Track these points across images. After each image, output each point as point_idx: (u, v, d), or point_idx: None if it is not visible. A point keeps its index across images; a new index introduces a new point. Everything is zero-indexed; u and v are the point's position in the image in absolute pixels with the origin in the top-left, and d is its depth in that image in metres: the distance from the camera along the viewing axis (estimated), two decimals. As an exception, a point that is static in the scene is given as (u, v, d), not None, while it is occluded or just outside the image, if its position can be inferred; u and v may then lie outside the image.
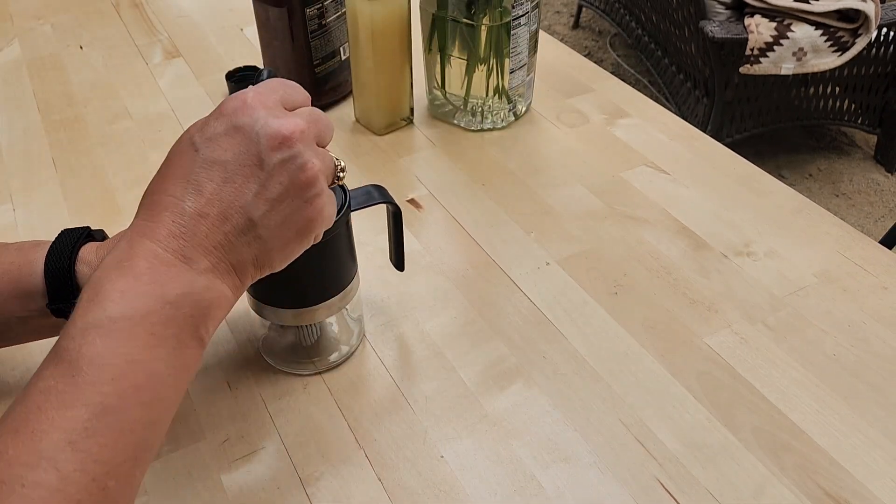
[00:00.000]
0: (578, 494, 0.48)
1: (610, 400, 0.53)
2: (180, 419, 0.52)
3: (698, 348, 0.57)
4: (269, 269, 0.41)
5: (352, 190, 0.50)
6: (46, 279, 0.45)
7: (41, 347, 0.46)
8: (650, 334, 0.58)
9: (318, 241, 0.43)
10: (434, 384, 0.55)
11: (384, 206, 0.53)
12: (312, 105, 0.43)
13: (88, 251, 0.46)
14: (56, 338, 0.36)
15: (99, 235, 0.50)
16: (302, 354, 0.56)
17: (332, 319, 0.57)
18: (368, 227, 0.67)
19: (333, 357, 0.56)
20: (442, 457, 0.50)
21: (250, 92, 0.40)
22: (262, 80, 0.44)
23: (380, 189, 0.52)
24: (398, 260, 0.58)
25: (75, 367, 0.33)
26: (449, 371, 0.56)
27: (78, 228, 0.48)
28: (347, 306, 0.54)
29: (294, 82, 0.43)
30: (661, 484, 0.48)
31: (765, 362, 0.56)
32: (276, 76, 0.44)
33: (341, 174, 0.44)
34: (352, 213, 0.50)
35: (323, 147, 0.42)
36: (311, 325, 0.56)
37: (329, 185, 0.43)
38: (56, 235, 0.48)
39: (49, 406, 0.32)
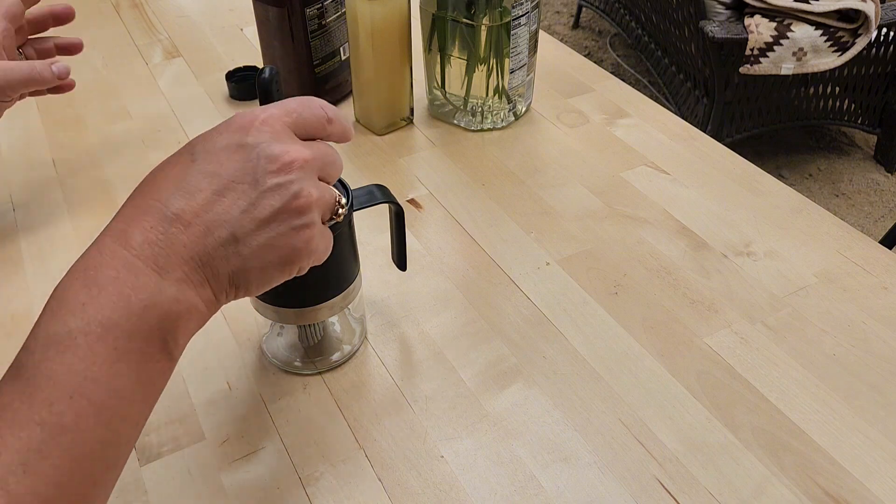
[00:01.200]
0: (578, 494, 0.48)
1: (610, 400, 0.53)
2: (180, 419, 0.52)
3: (698, 348, 0.57)
4: (245, 292, 0.39)
5: (354, 189, 0.50)
6: None
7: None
8: (650, 334, 0.58)
9: (301, 274, 0.41)
10: (434, 384, 0.55)
11: (385, 205, 0.53)
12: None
13: None
14: None
15: None
16: (304, 354, 0.56)
17: (334, 319, 0.57)
18: (369, 227, 0.67)
19: (335, 357, 0.56)
20: (442, 457, 0.50)
21: (263, 111, 0.39)
22: (264, 78, 0.44)
23: (382, 189, 0.52)
24: (400, 260, 0.58)
25: (32, 384, 0.32)
26: (449, 371, 0.56)
27: None
28: (350, 306, 0.54)
29: (316, 101, 0.42)
30: (661, 484, 0.48)
31: (765, 362, 0.56)
32: (277, 75, 0.44)
33: (340, 210, 0.43)
34: (354, 213, 0.50)
35: (327, 183, 0.41)
36: (313, 325, 0.56)
37: (325, 221, 0.42)
38: None
39: (3, 424, 0.31)
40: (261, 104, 0.45)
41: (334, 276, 0.51)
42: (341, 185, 0.48)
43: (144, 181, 0.38)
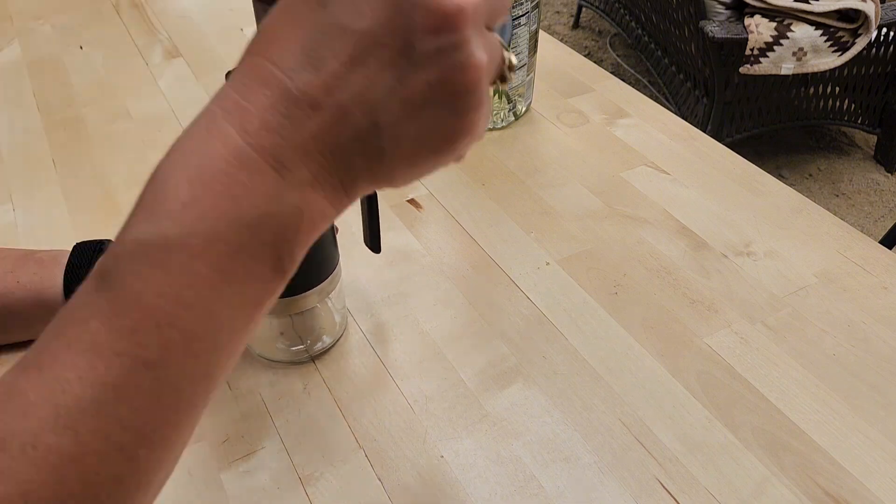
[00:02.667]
0: (578, 494, 0.48)
1: (610, 400, 0.53)
2: (180, 419, 0.52)
3: (698, 348, 0.57)
4: (388, 186, 0.30)
5: None
6: (67, 296, 0.44)
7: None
8: (650, 334, 0.58)
9: (461, 160, 0.32)
10: (434, 384, 0.55)
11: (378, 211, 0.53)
12: None
13: None
14: None
15: None
16: (287, 344, 0.56)
17: (318, 309, 0.58)
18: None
19: (318, 347, 0.57)
20: (442, 457, 0.50)
21: None
22: None
23: None
24: (373, 242, 0.58)
25: (115, 304, 0.26)
26: (449, 371, 0.56)
27: (92, 242, 0.47)
28: (332, 295, 0.55)
29: None
30: (661, 484, 0.48)
31: (765, 362, 0.56)
32: None
33: (510, 74, 0.32)
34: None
35: (494, 28, 0.30)
36: (296, 315, 0.56)
37: (492, 84, 0.31)
38: (71, 249, 0.47)
39: (78, 347, 0.25)
40: None
41: (317, 263, 0.52)
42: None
43: (263, 29, 0.29)
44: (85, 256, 0.46)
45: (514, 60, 0.31)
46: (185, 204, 0.26)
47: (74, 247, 0.48)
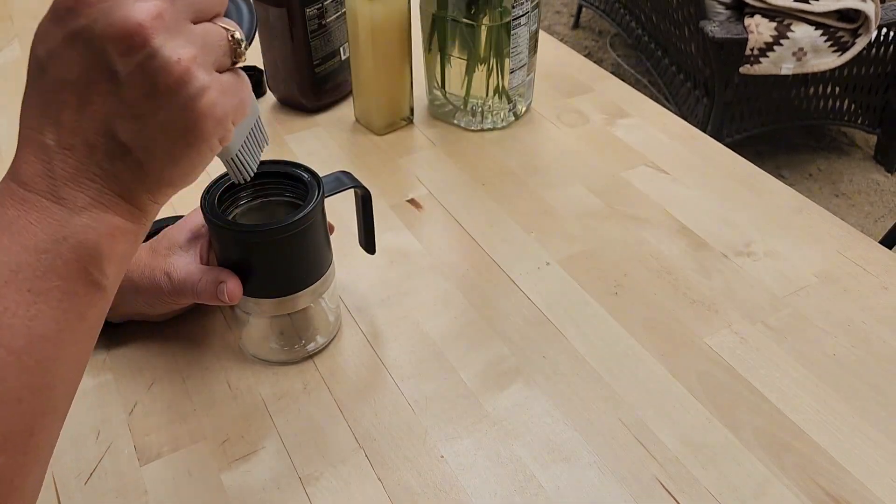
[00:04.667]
0: (578, 494, 0.48)
1: (610, 400, 0.53)
2: (180, 419, 0.52)
3: (699, 348, 0.57)
4: (171, 188, 0.35)
5: (322, 177, 0.51)
6: None
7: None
8: (650, 334, 0.58)
9: (227, 142, 0.35)
10: (434, 384, 0.55)
11: (376, 213, 0.54)
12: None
13: None
14: None
15: None
16: (281, 344, 0.56)
17: (311, 310, 0.57)
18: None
19: (311, 347, 0.56)
20: (442, 457, 0.50)
21: None
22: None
23: (348, 175, 0.53)
24: (368, 243, 0.58)
25: None
26: (449, 371, 0.56)
27: None
28: (325, 295, 0.55)
29: None
30: (661, 484, 0.48)
31: (765, 362, 0.56)
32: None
33: (239, 49, 0.35)
34: (324, 203, 0.51)
35: (207, 20, 0.34)
36: (290, 315, 0.56)
37: (229, 67, 0.35)
38: None
39: None
40: None
41: (311, 263, 0.52)
42: (241, 8, 0.39)
43: (22, 105, 0.34)
44: None
45: (239, 35, 0.34)
46: None
47: None
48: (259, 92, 0.88)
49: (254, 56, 0.94)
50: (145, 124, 0.32)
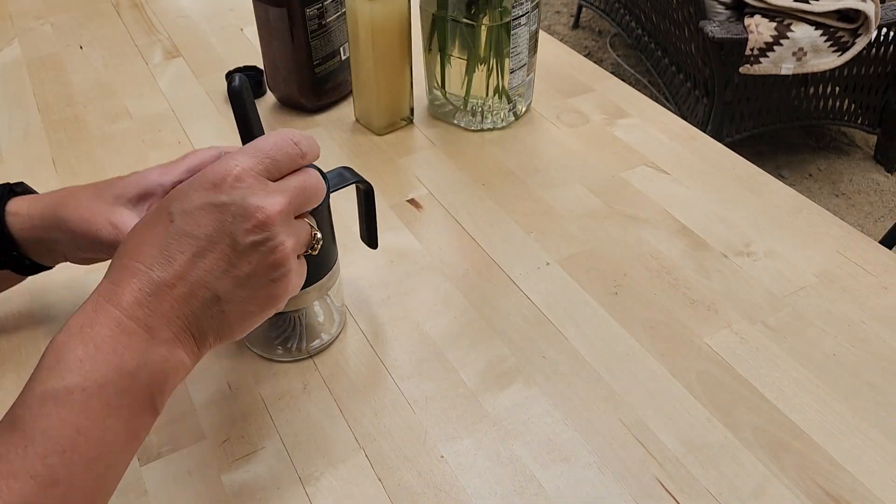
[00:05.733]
0: (578, 494, 0.48)
1: (610, 400, 0.53)
2: (180, 419, 0.52)
3: (698, 348, 0.57)
4: (230, 339, 0.41)
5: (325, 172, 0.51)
6: None
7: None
8: (650, 334, 0.58)
9: (280, 310, 0.43)
10: (434, 384, 0.55)
11: (377, 210, 0.53)
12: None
13: (17, 205, 0.50)
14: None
15: (20, 189, 0.52)
16: (284, 341, 0.56)
17: (316, 307, 0.57)
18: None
19: (315, 344, 0.56)
20: (442, 457, 0.50)
21: (236, 165, 0.39)
22: (234, 87, 0.44)
23: (349, 170, 0.53)
24: (371, 238, 0.58)
25: (28, 438, 0.33)
26: (449, 371, 0.56)
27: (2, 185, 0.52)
28: (330, 293, 0.55)
29: (288, 138, 0.42)
30: (661, 484, 0.48)
31: (765, 362, 0.56)
32: (246, 84, 0.44)
33: (316, 245, 0.44)
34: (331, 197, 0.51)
35: (303, 217, 0.43)
36: (295, 311, 0.56)
37: (303, 253, 0.44)
38: None
39: None
40: (234, 113, 0.45)
41: (318, 259, 0.52)
42: (318, 169, 0.49)
43: (129, 240, 0.39)
44: None
45: (319, 235, 0.44)
46: (81, 360, 0.35)
47: None
48: (259, 92, 0.88)
49: (254, 56, 0.94)
50: (242, 286, 0.39)
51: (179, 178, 0.51)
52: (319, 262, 0.52)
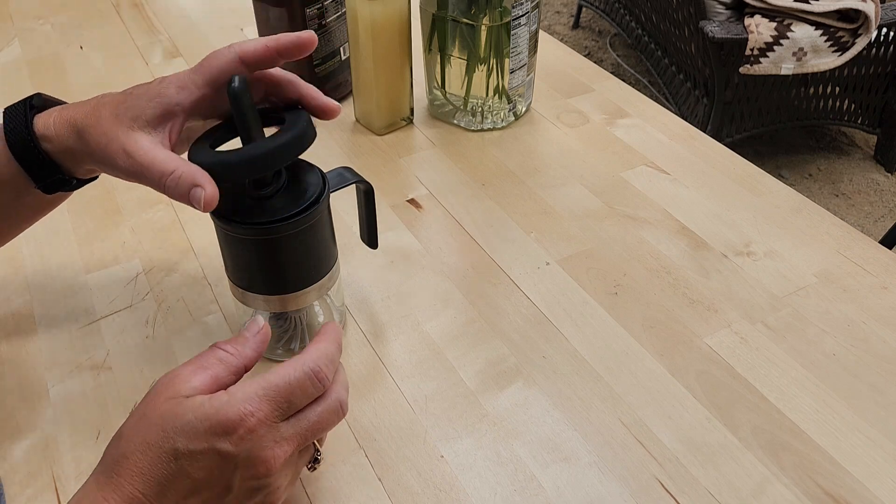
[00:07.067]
0: (578, 494, 0.48)
1: (610, 400, 0.54)
2: (180, 419, 0.52)
3: (698, 348, 0.57)
4: None
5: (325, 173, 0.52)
6: (22, 164, 0.48)
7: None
8: (650, 334, 0.58)
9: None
10: (434, 384, 0.55)
11: (377, 210, 0.54)
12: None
13: (44, 124, 0.48)
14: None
15: (38, 102, 0.50)
16: (285, 342, 0.56)
17: (316, 307, 0.57)
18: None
19: None
20: (442, 457, 0.50)
21: (252, 414, 0.38)
22: (234, 88, 0.44)
23: (349, 170, 0.53)
24: (371, 238, 0.58)
25: None
26: (449, 371, 0.56)
27: (18, 105, 0.49)
28: (330, 293, 0.55)
29: (318, 367, 0.40)
30: (661, 484, 0.48)
31: (764, 362, 0.56)
32: (246, 85, 0.44)
33: (315, 465, 0.45)
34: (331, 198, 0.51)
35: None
36: (295, 311, 0.56)
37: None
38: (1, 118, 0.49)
39: None
40: (234, 114, 0.45)
41: (318, 259, 0.52)
42: (320, 175, 0.50)
43: (130, 455, 0.38)
44: (18, 122, 0.48)
45: (321, 456, 0.45)
46: None
47: (4, 111, 0.49)
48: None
49: (254, 56, 0.94)
50: None
51: (198, 96, 0.47)
52: (320, 261, 0.52)
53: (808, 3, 1.80)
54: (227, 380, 0.41)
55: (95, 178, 0.53)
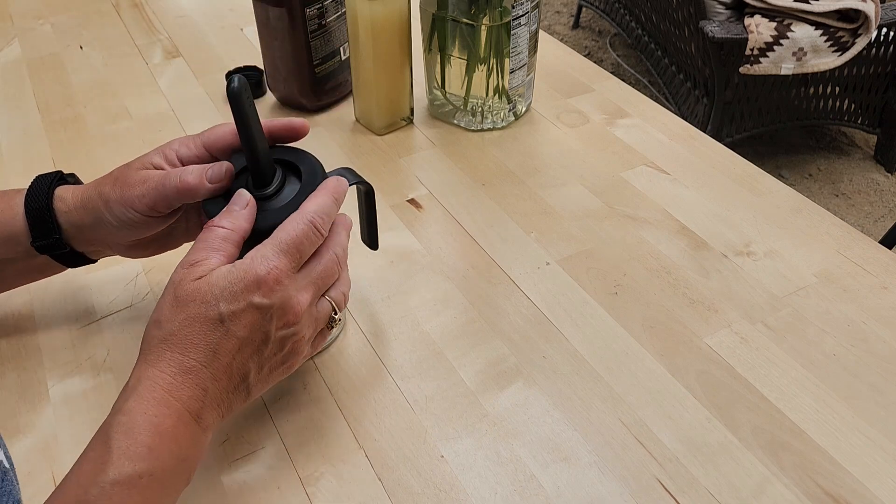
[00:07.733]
0: (578, 494, 0.48)
1: (610, 400, 0.54)
2: (180, 419, 0.52)
3: (698, 348, 0.57)
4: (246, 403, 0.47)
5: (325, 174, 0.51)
6: (28, 219, 0.51)
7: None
8: (650, 334, 0.58)
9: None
10: (434, 384, 0.55)
11: (378, 210, 0.53)
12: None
13: (64, 191, 0.52)
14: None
15: (72, 179, 0.54)
16: None
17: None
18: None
19: None
20: (442, 457, 0.50)
21: (275, 267, 0.44)
22: (233, 89, 0.44)
23: (350, 171, 0.53)
24: (371, 239, 0.58)
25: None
26: (449, 371, 0.56)
27: (51, 173, 0.53)
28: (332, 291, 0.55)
29: (314, 217, 0.46)
30: (661, 484, 0.48)
31: (764, 362, 0.56)
32: (245, 85, 0.45)
33: (333, 323, 0.49)
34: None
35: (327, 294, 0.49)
36: None
37: (323, 327, 0.49)
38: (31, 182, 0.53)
39: None
40: (234, 115, 0.45)
41: None
42: (322, 176, 0.50)
43: (177, 330, 0.42)
44: (44, 184, 0.52)
45: (339, 316, 0.49)
46: (150, 448, 0.40)
47: (35, 178, 0.53)
48: (259, 92, 0.88)
49: (254, 56, 0.94)
50: (265, 368, 0.45)
51: (196, 154, 0.52)
52: None
53: (808, 3, 1.80)
54: (235, 252, 0.45)
55: (92, 261, 0.56)
